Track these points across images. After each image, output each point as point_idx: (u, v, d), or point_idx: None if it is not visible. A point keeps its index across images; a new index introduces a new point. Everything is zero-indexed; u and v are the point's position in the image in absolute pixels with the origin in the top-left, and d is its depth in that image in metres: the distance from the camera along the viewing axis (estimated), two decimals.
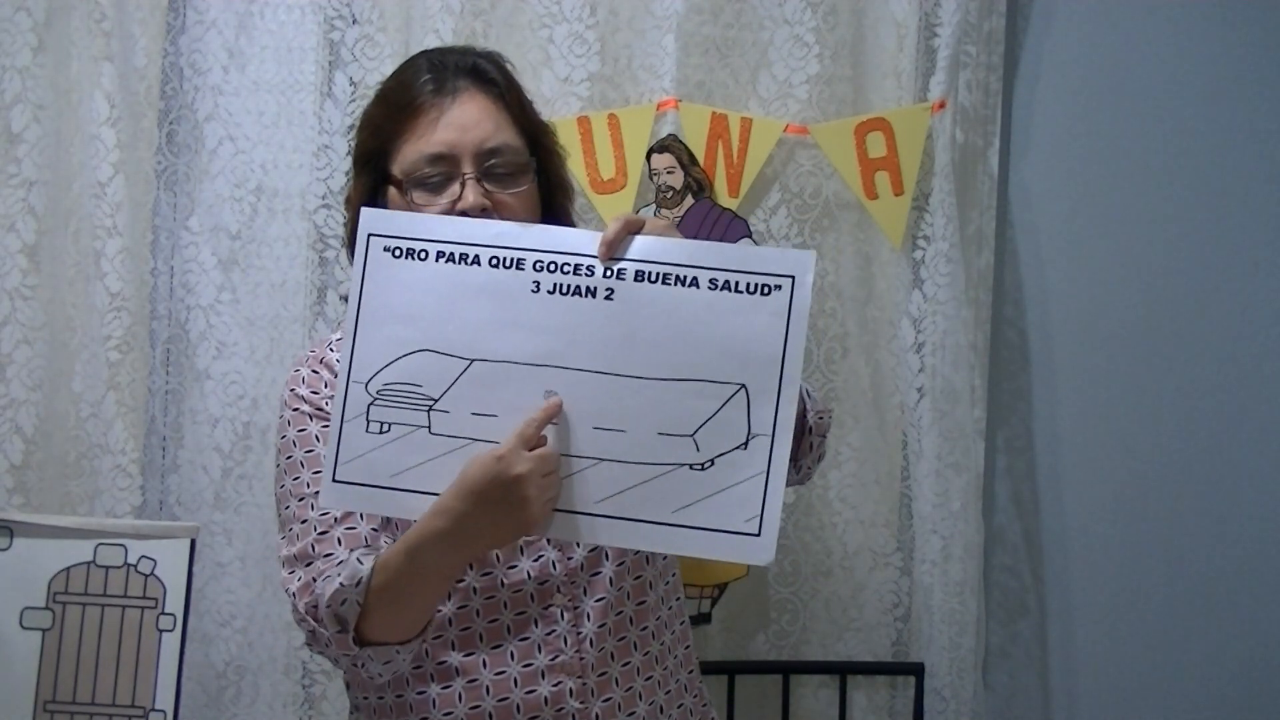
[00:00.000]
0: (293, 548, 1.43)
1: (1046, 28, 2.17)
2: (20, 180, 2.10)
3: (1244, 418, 2.13)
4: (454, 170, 1.45)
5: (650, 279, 1.32)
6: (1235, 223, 2.13)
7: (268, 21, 2.14)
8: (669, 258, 1.32)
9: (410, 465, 1.32)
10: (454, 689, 1.42)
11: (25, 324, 2.10)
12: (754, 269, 1.31)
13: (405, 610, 1.35)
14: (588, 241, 1.33)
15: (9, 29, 2.09)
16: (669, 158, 2.09)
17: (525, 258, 1.33)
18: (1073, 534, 2.19)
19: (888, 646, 2.16)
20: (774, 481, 1.29)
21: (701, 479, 1.30)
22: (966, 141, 2.11)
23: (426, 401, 1.32)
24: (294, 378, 1.52)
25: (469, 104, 1.47)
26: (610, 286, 1.32)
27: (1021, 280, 2.19)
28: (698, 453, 1.30)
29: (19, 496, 2.09)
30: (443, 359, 1.33)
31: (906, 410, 2.12)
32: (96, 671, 1.66)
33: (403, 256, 1.35)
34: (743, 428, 1.30)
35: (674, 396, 1.30)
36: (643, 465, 1.30)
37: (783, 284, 1.31)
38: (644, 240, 1.32)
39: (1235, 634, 2.13)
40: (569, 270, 1.32)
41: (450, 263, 1.34)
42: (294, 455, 1.47)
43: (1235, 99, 2.12)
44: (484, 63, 1.52)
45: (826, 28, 2.10)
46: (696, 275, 1.31)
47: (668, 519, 1.30)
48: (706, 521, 1.30)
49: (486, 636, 1.42)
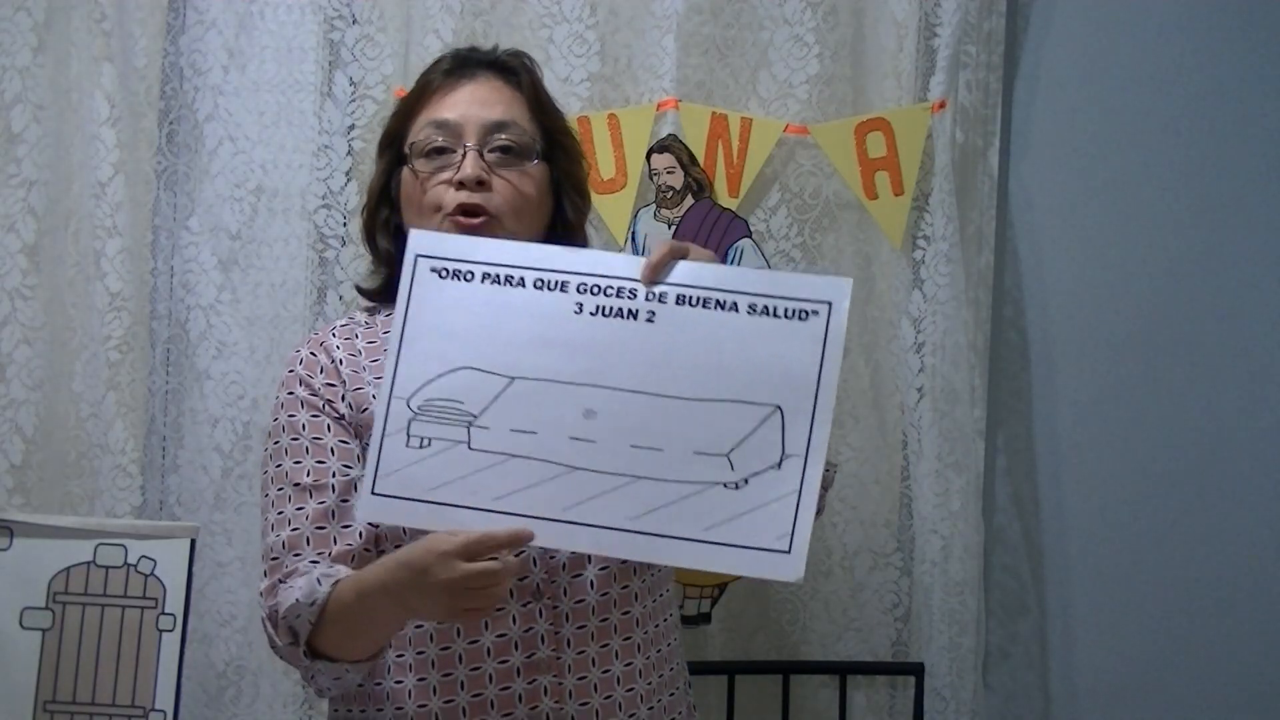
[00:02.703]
0: (265, 540, 1.44)
1: (1046, 28, 2.17)
2: (20, 180, 2.10)
3: (1244, 417, 2.13)
4: (458, 142, 1.46)
5: (691, 303, 1.35)
6: (1235, 222, 2.13)
7: (268, 21, 2.14)
8: (710, 283, 1.35)
9: (449, 480, 1.35)
10: (429, 681, 1.41)
11: (25, 324, 2.10)
12: (792, 295, 1.35)
13: (354, 640, 1.36)
14: (631, 266, 1.36)
15: (9, 29, 2.09)
16: (669, 158, 2.09)
17: (569, 280, 1.36)
18: (1073, 534, 2.19)
19: (888, 646, 2.16)
20: (805, 500, 1.32)
21: (735, 497, 1.33)
22: (966, 141, 2.11)
23: (467, 417, 1.35)
24: (294, 357, 1.53)
25: (483, 85, 1.50)
26: (652, 309, 1.35)
27: (1021, 280, 2.19)
28: (732, 471, 1.33)
29: (19, 496, 2.09)
30: (485, 376, 1.35)
31: (906, 410, 2.12)
32: (96, 671, 1.66)
33: (449, 277, 1.37)
34: (777, 448, 1.33)
35: (710, 417, 1.33)
36: (678, 483, 1.33)
37: (820, 309, 1.34)
38: (686, 265, 1.36)
39: (1235, 634, 2.13)
40: (612, 293, 1.35)
41: (495, 284, 1.37)
42: (280, 441, 1.48)
43: (1235, 99, 2.12)
44: (506, 56, 1.55)
45: (826, 28, 2.10)
46: (736, 300, 1.35)
47: (700, 535, 1.33)
48: (738, 539, 1.32)
49: (464, 631, 1.42)
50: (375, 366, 1.48)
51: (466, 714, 1.41)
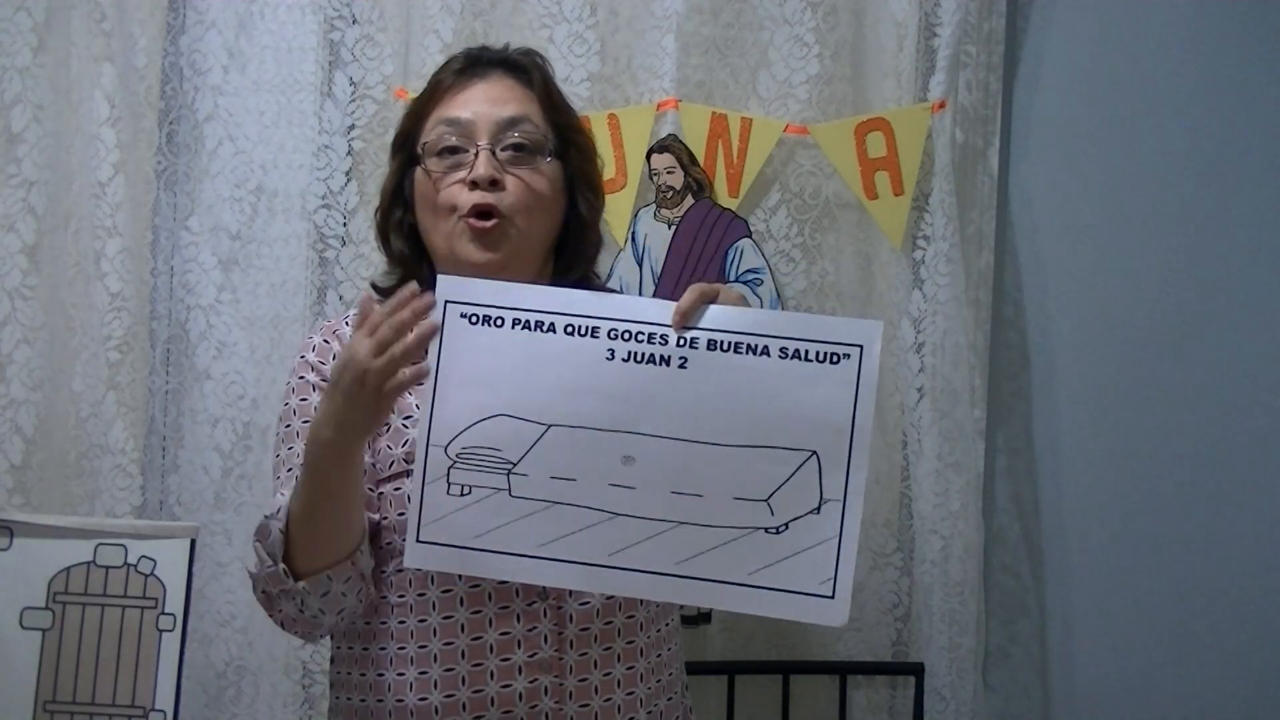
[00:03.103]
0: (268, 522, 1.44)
1: (1046, 28, 2.17)
2: (20, 180, 2.10)
3: (1244, 417, 2.13)
4: (470, 142, 1.46)
5: (723, 348, 1.35)
6: (1235, 222, 2.13)
7: (268, 21, 2.14)
8: (741, 326, 1.36)
9: (492, 527, 1.36)
10: (430, 675, 1.42)
11: (25, 324, 2.10)
12: (823, 338, 1.35)
13: (322, 523, 1.37)
14: (662, 311, 1.36)
15: (9, 29, 2.09)
16: (669, 158, 2.09)
17: (600, 326, 1.36)
18: (1073, 534, 2.19)
19: (888, 646, 2.16)
20: (846, 545, 1.34)
21: (776, 542, 1.35)
22: (966, 141, 2.11)
23: (506, 465, 1.36)
24: (306, 344, 1.53)
25: (495, 84, 1.50)
26: (684, 355, 1.36)
27: (1021, 280, 2.19)
28: (772, 517, 1.35)
29: (19, 496, 2.10)
30: (520, 423, 1.36)
31: (906, 410, 2.12)
32: (96, 671, 1.66)
33: (479, 323, 1.37)
34: (815, 493, 1.34)
35: (748, 462, 1.35)
36: (720, 528, 1.35)
37: (851, 353, 1.35)
38: (716, 309, 1.36)
39: (1235, 633, 2.13)
40: (643, 339, 1.36)
41: (526, 329, 1.37)
42: (292, 424, 1.48)
43: (1235, 99, 2.12)
44: (517, 55, 1.55)
45: (826, 28, 2.10)
46: (768, 344, 1.35)
47: (744, 580, 1.35)
48: (782, 583, 1.34)
49: (468, 627, 1.42)
50: None
51: (466, 709, 1.41)
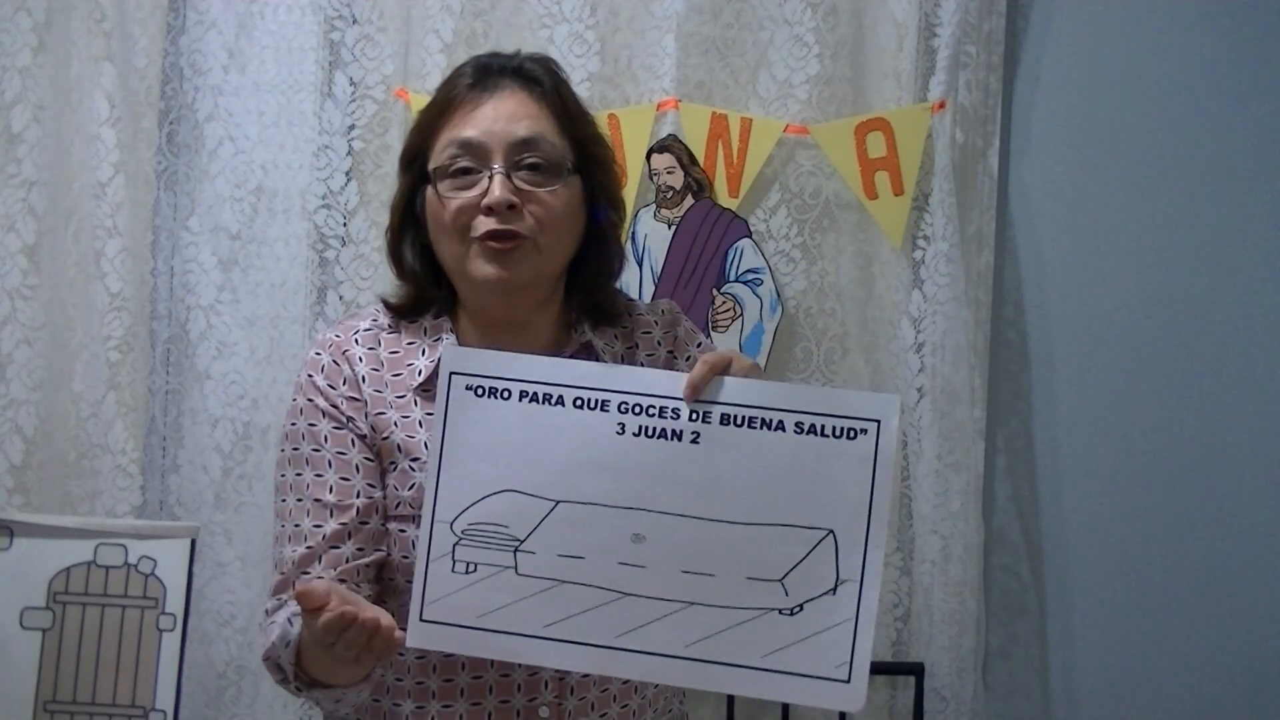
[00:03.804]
0: (277, 548, 1.41)
1: (1046, 28, 2.17)
2: (20, 180, 2.10)
3: (1243, 417, 2.13)
4: (484, 164, 1.40)
5: (736, 422, 1.31)
6: (1235, 222, 2.13)
7: (268, 21, 2.14)
8: (754, 400, 1.31)
9: (498, 606, 1.32)
10: (428, 711, 1.41)
11: (25, 324, 2.10)
12: (840, 412, 1.31)
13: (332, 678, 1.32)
14: (673, 384, 1.32)
15: (9, 29, 2.09)
16: (669, 158, 2.09)
17: (610, 399, 1.32)
18: (1073, 534, 2.19)
19: (888, 646, 2.16)
20: (863, 627, 1.29)
21: (791, 624, 1.30)
22: (966, 141, 2.11)
23: (513, 542, 1.32)
24: (314, 361, 1.45)
25: (508, 99, 1.43)
26: (696, 430, 1.31)
27: (1021, 280, 2.19)
28: (787, 598, 1.30)
29: (19, 496, 2.10)
30: (528, 499, 1.32)
31: (906, 410, 2.12)
32: (96, 671, 1.66)
33: (485, 395, 1.34)
34: (831, 573, 1.30)
35: (762, 541, 1.30)
36: (732, 609, 1.30)
37: (868, 428, 1.30)
38: (729, 382, 1.32)
39: (1234, 633, 2.13)
40: (654, 413, 1.32)
41: (534, 402, 1.33)
42: (300, 449, 1.43)
43: (1235, 99, 2.12)
44: (530, 64, 1.47)
45: (826, 28, 2.10)
46: (783, 419, 1.31)
47: (758, 663, 1.30)
48: (797, 667, 1.29)
49: (467, 692, 1.40)
50: (397, 383, 1.43)
51: None
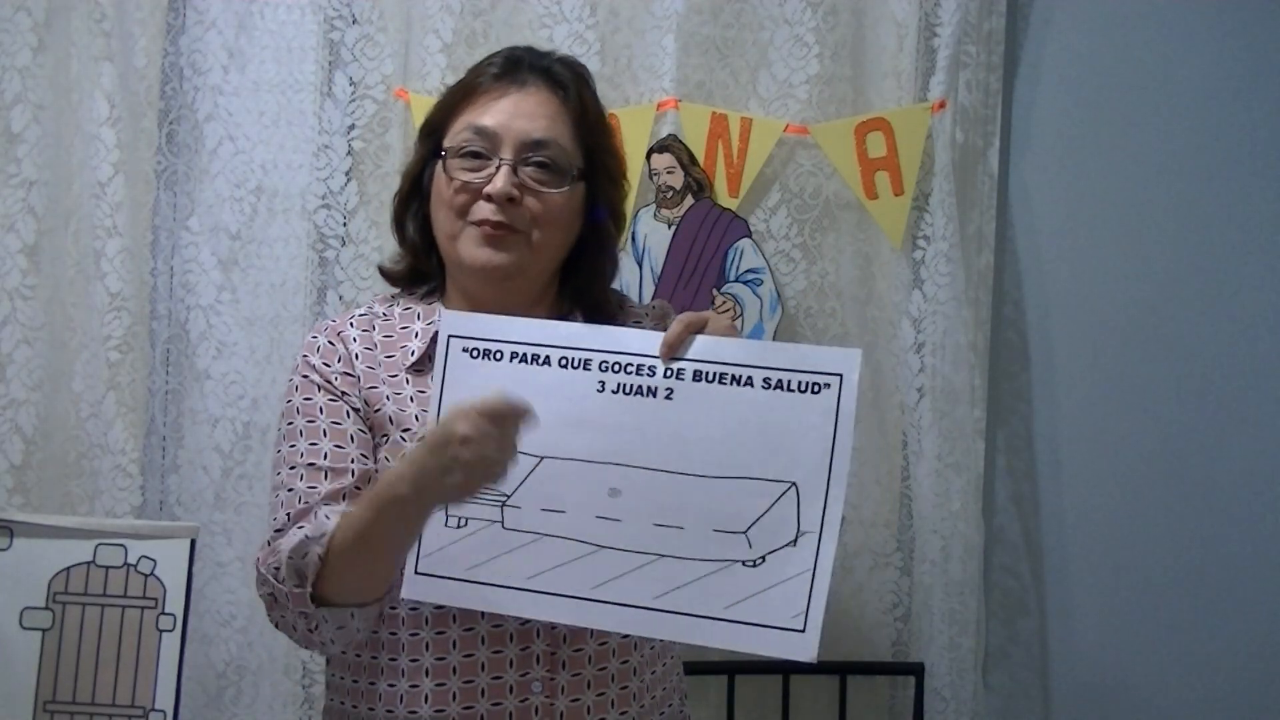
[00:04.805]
0: (274, 516, 1.42)
1: (1046, 28, 2.17)
2: (20, 180, 2.10)
3: (1243, 417, 2.13)
4: (494, 152, 1.44)
5: (708, 379, 1.36)
6: (1235, 222, 2.13)
7: (268, 21, 2.14)
8: (725, 357, 1.36)
9: (485, 559, 1.38)
10: (421, 689, 1.41)
11: (25, 324, 2.10)
12: (803, 367, 1.35)
13: (367, 565, 1.35)
14: (649, 343, 1.37)
15: (9, 29, 2.09)
16: (669, 158, 2.09)
17: (591, 358, 1.38)
18: (1073, 534, 2.19)
19: (888, 646, 2.16)
20: (819, 579, 1.33)
21: (752, 575, 1.34)
22: (966, 141, 2.11)
23: (500, 497, 1.37)
24: (310, 344, 1.51)
25: (531, 96, 1.47)
26: (670, 386, 1.36)
27: (1021, 280, 2.19)
28: (750, 549, 1.34)
29: (19, 496, 2.10)
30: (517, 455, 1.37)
31: (906, 410, 2.12)
32: (96, 671, 1.66)
33: (479, 357, 1.40)
34: (793, 525, 1.34)
35: (729, 494, 1.35)
36: (698, 561, 1.35)
37: (831, 382, 1.34)
38: (703, 340, 1.37)
39: (1235, 633, 2.13)
40: (632, 370, 1.37)
41: (523, 363, 1.39)
42: (295, 423, 1.46)
43: (1235, 99, 2.12)
44: (559, 65, 1.51)
45: (826, 28, 2.10)
46: (751, 375, 1.36)
47: (720, 614, 1.34)
48: (754, 617, 1.34)
49: (460, 643, 1.41)
50: (390, 363, 1.47)
51: None
